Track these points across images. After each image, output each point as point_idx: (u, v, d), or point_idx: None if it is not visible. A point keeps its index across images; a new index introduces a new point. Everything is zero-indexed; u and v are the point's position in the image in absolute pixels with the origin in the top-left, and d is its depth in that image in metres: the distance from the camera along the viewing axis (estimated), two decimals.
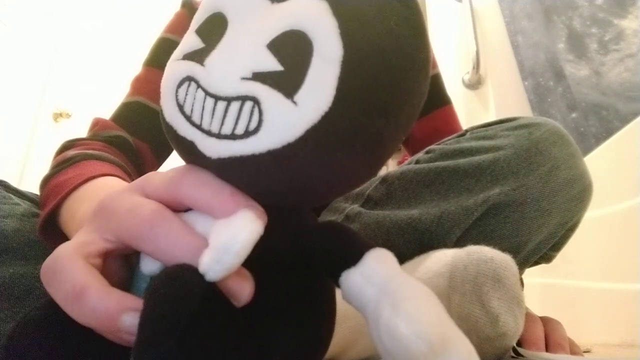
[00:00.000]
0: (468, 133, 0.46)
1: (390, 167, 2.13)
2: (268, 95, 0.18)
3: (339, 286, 0.20)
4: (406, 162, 0.48)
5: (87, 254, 0.19)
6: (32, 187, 0.46)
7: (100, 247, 0.20)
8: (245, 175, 0.19)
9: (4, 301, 0.36)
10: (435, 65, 0.70)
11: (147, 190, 0.21)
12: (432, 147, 0.46)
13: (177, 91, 0.21)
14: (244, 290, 0.19)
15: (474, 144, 0.43)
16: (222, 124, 0.19)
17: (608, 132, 1.07)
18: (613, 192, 0.80)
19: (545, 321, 0.42)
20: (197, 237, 0.19)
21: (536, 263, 0.47)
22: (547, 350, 0.39)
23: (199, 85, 0.20)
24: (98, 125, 0.54)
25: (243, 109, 0.18)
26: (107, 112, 0.58)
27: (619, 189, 0.80)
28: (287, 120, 0.18)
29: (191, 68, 0.20)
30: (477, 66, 1.47)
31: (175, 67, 0.21)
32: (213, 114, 0.19)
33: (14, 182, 0.48)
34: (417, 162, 0.45)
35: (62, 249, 0.20)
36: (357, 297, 0.19)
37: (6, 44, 1.50)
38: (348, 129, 0.18)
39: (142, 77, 0.59)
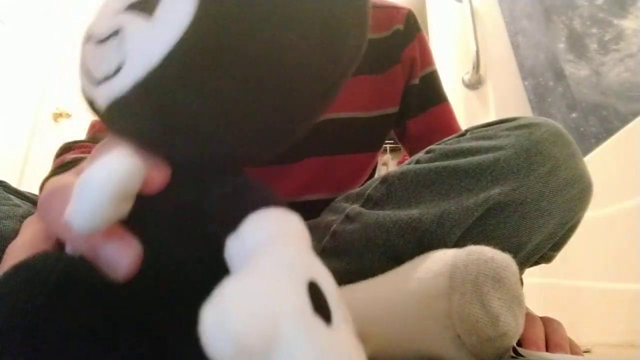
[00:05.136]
0: (468, 133, 0.46)
1: (390, 167, 2.13)
2: (130, 22, 0.16)
3: None
4: (406, 162, 0.48)
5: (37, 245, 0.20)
6: (32, 187, 0.46)
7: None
8: (124, 122, 0.17)
9: None
10: (432, 63, 0.70)
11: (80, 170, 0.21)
12: (432, 147, 0.46)
13: (84, 60, 0.20)
14: (121, 257, 0.16)
15: (474, 144, 0.43)
16: (102, 68, 0.17)
17: (608, 132, 1.07)
18: (613, 192, 0.80)
19: (546, 321, 0.42)
20: None
21: (536, 263, 0.47)
22: (547, 350, 0.39)
23: (93, 42, 0.19)
24: (95, 127, 0.54)
25: (111, 44, 0.17)
26: None
27: (619, 189, 0.80)
28: (146, 42, 0.16)
29: (87, 32, 0.19)
30: (477, 66, 1.47)
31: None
32: (97, 61, 0.18)
33: (13, 183, 0.48)
34: (418, 162, 0.45)
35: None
36: (232, 267, 0.16)
37: (6, 43, 1.50)
38: (215, 47, 0.16)
39: None
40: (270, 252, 0.16)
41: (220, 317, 0.13)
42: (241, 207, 0.17)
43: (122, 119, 0.17)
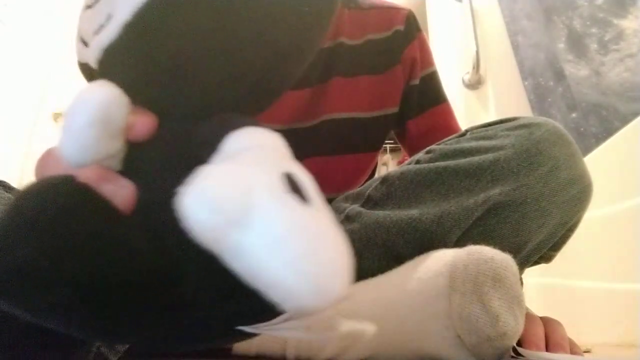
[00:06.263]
0: (468, 133, 0.46)
1: (391, 167, 2.13)
2: None
3: None
4: (406, 162, 0.48)
5: None
6: None
7: None
8: (115, 69, 0.18)
9: None
10: (432, 63, 0.70)
11: None
12: (433, 147, 0.46)
13: (79, 27, 0.21)
14: (115, 196, 0.17)
15: (474, 144, 0.43)
16: (93, 24, 0.18)
17: (608, 132, 1.07)
18: (613, 192, 0.80)
19: (545, 321, 0.42)
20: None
21: (536, 263, 0.47)
22: (547, 350, 0.39)
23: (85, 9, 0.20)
24: None
25: (101, 2, 0.18)
26: None
27: (619, 189, 0.80)
28: None
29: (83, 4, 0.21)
30: (477, 66, 1.47)
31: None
32: (89, 20, 0.19)
33: (13, 183, 0.48)
34: (418, 162, 0.45)
35: None
36: None
37: (6, 44, 1.50)
38: None
39: None
40: (246, 152, 0.16)
41: (197, 186, 0.14)
42: (223, 130, 0.18)
43: (113, 66, 0.18)
